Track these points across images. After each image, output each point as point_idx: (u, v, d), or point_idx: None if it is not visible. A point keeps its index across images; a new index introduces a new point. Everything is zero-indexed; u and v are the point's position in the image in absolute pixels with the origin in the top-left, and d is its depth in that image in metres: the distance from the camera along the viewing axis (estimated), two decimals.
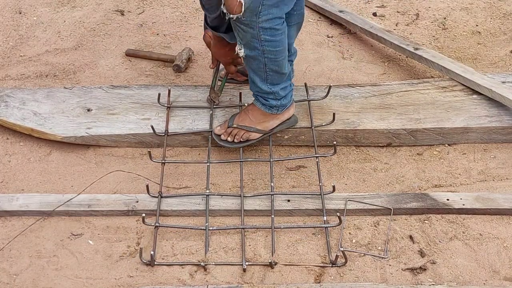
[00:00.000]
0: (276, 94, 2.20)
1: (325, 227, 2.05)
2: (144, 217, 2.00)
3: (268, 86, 2.18)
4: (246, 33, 2.02)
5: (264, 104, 2.24)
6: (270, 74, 2.14)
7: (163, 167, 2.24)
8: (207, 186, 2.19)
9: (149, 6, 3.26)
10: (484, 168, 2.29)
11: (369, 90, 2.51)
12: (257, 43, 2.04)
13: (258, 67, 2.13)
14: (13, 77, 2.78)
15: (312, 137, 2.31)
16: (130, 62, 2.87)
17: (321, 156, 2.27)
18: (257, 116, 2.26)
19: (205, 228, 2.06)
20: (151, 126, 2.30)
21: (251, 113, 2.27)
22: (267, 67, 2.11)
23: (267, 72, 2.13)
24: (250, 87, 2.26)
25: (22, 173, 2.31)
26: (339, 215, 1.98)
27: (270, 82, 2.17)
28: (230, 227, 2.08)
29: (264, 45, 2.04)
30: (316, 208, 2.11)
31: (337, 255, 1.92)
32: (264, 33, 2.01)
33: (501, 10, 3.14)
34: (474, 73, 2.50)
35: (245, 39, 2.05)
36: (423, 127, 2.33)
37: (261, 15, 1.97)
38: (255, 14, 1.96)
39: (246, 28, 2.00)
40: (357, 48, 2.94)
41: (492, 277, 1.92)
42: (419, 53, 2.64)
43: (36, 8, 3.24)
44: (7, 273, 1.96)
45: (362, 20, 2.94)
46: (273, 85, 2.18)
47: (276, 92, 2.20)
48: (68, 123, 2.39)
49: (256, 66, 2.13)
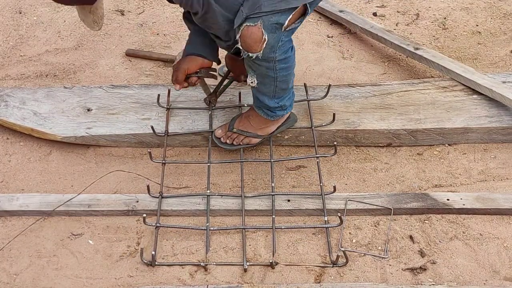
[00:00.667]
0: (283, 106, 2.19)
1: (326, 227, 2.05)
2: (145, 217, 2.00)
3: (275, 102, 2.16)
4: (261, 67, 2.00)
5: (268, 114, 2.22)
6: (278, 92, 2.13)
7: (163, 167, 2.24)
8: (208, 186, 2.19)
9: (149, 6, 3.26)
10: (484, 168, 2.29)
11: (369, 90, 2.50)
12: (272, 73, 2.02)
13: (269, 90, 2.11)
14: (13, 77, 2.78)
15: (312, 137, 2.30)
16: (130, 62, 2.87)
17: (321, 156, 2.27)
18: (258, 122, 2.25)
19: (205, 228, 2.06)
20: (151, 127, 2.30)
21: (252, 119, 2.25)
22: (277, 88, 2.10)
23: (275, 91, 2.11)
24: (255, 103, 2.22)
25: (22, 173, 2.31)
26: (340, 215, 1.98)
27: (277, 97, 2.15)
28: (230, 227, 2.08)
29: (277, 72, 2.03)
30: (317, 208, 2.11)
31: (338, 255, 1.92)
32: (279, 63, 2.00)
33: (501, 10, 3.14)
34: (475, 73, 2.50)
35: (259, 71, 2.03)
36: (423, 127, 2.33)
37: (278, 50, 1.95)
38: (273, 51, 1.94)
39: (261, 62, 1.98)
40: (357, 48, 2.94)
41: (492, 277, 1.92)
42: (419, 53, 2.64)
43: (36, 8, 3.24)
44: (7, 273, 1.96)
45: (362, 20, 2.94)
46: (280, 98, 2.16)
47: (283, 104, 2.19)
48: (68, 123, 2.39)
49: (266, 90, 2.11)
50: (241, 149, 2.30)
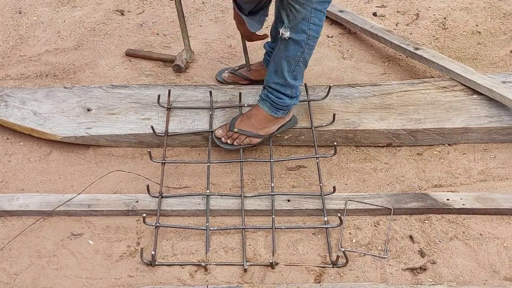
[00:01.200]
0: (294, 89, 2.17)
1: (325, 228, 2.05)
2: (145, 217, 2.00)
3: (291, 78, 2.14)
4: (298, 14, 1.98)
5: (273, 106, 2.21)
6: (299, 66, 2.11)
7: (163, 167, 2.24)
8: (207, 186, 2.19)
9: (149, 6, 3.26)
10: (484, 168, 2.29)
11: (369, 90, 2.51)
12: (305, 25, 2.00)
13: (295, 55, 2.08)
14: (13, 77, 2.78)
15: (312, 138, 2.30)
16: (130, 62, 2.87)
17: (321, 157, 2.27)
18: (260, 121, 2.25)
19: (205, 228, 2.06)
20: (151, 127, 2.30)
21: (254, 118, 2.25)
22: (303, 55, 2.08)
23: (298, 62, 2.10)
24: (268, 79, 2.19)
25: (22, 173, 2.31)
26: (340, 216, 1.98)
27: (294, 74, 2.13)
28: (230, 227, 2.08)
29: (311, 28, 2.01)
30: (316, 208, 2.11)
31: (338, 256, 1.92)
32: (315, 15, 1.98)
33: (501, 10, 3.14)
34: (474, 73, 2.50)
35: (295, 21, 2.01)
36: (423, 127, 2.33)
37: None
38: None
39: (299, 8, 1.97)
40: (357, 48, 2.94)
41: (492, 277, 1.92)
42: (419, 53, 2.64)
43: (36, 8, 3.24)
44: (7, 273, 1.96)
45: (362, 20, 2.94)
46: (295, 79, 2.15)
47: (296, 87, 2.17)
48: (68, 123, 2.39)
49: (293, 52, 2.08)
50: (241, 149, 2.30)
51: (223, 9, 3.24)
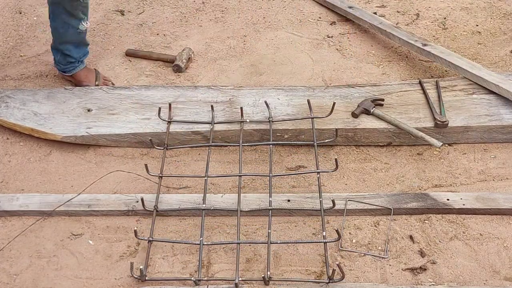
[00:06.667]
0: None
1: (323, 242, 1.97)
2: (136, 231, 1.96)
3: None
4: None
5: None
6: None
7: (160, 180, 2.19)
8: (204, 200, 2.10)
9: (149, 6, 3.26)
10: (484, 168, 2.29)
11: (369, 90, 2.51)
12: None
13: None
14: (13, 77, 2.78)
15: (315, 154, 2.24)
16: (130, 62, 2.87)
17: (322, 172, 2.20)
18: None
19: (199, 243, 1.98)
20: (150, 140, 2.27)
21: None
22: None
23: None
24: None
25: (22, 173, 2.31)
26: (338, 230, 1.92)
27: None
28: (225, 242, 2.01)
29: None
30: (316, 208, 2.10)
31: (333, 270, 1.84)
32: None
33: (501, 10, 3.14)
34: (482, 69, 2.51)
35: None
36: (423, 127, 2.33)
37: None
38: None
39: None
40: (357, 48, 2.94)
41: (492, 277, 1.92)
42: (427, 49, 2.64)
43: (36, 8, 3.24)
44: (7, 273, 1.96)
45: (371, 16, 2.94)
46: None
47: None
48: (68, 123, 2.39)
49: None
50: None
51: (223, 9, 3.24)
